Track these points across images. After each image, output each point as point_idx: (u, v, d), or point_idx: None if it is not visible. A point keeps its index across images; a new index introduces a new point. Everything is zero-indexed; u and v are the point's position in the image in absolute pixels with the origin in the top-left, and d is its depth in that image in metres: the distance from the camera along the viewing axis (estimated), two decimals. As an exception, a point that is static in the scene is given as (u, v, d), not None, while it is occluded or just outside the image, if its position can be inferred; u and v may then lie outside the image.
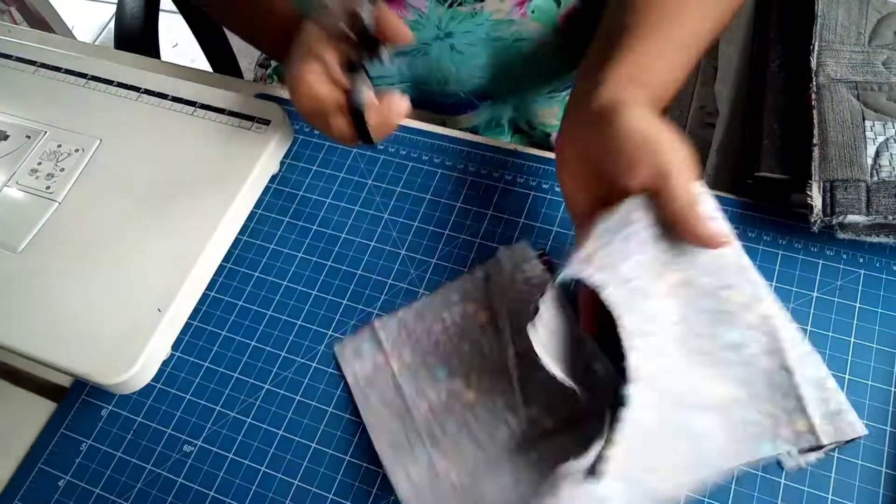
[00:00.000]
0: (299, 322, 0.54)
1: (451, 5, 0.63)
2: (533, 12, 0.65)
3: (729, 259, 0.42)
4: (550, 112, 0.76)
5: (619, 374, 0.40)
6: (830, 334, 0.48)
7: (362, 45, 0.45)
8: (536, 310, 0.42)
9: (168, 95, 0.60)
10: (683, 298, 0.42)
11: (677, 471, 0.41)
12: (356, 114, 0.46)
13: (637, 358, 0.40)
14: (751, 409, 0.44)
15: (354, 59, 0.45)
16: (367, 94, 0.45)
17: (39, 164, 0.57)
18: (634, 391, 0.39)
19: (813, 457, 0.44)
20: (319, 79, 0.45)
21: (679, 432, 0.41)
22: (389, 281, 0.55)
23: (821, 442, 0.43)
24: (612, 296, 0.40)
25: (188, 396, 0.53)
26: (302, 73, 0.45)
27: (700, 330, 0.42)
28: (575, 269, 0.40)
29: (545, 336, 0.43)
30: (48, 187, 0.56)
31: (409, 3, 0.63)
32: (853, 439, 0.44)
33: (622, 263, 0.41)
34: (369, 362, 0.52)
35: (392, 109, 0.46)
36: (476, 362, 0.50)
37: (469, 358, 0.51)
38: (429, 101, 0.74)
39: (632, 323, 0.40)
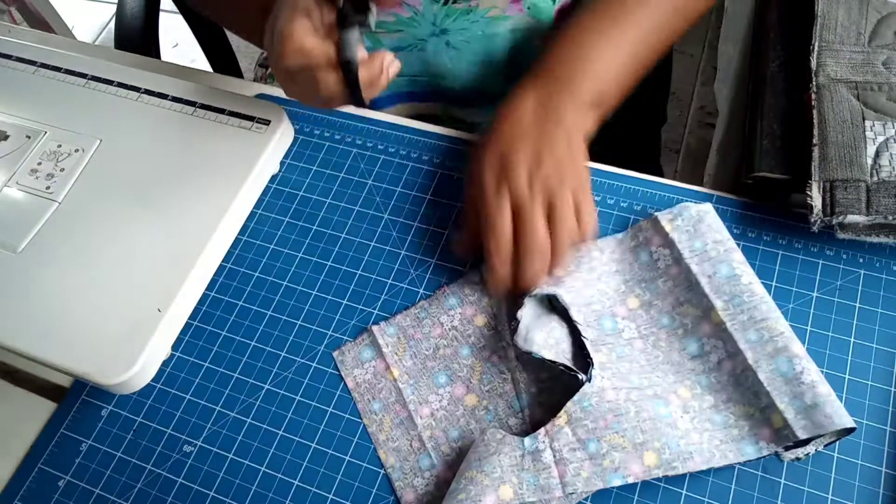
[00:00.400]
0: (299, 322, 0.54)
1: (445, 2, 0.63)
2: (529, 9, 0.65)
3: (679, 279, 0.49)
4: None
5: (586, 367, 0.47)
6: (830, 334, 0.48)
7: (352, 3, 0.43)
8: (517, 322, 0.48)
9: (168, 95, 0.60)
10: (645, 319, 0.49)
11: (643, 449, 0.43)
12: (346, 67, 0.43)
13: (602, 356, 0.47)
14: (727, 414, 0.45)
15: (345, 8, 0.43)
16: (358, 49, 0.43)
17: (39, 164, 0.57)
18: (599, 374, 0.46)
19: (812, 448, 0.44)
20: (308, 33, 0.44)
21: (643, 412, 0.44)
22: (389, 281, 0.55)
23: (798, 437, 0.42)
24: (575, 314, 0.48)
25: (188, 396, 0.53)
26: (290, 28, 0.43)
27: (662, 344, 0.48)
28: (550, 288, 0.49)
29: (540, 340, 0.47)
30: (48, 187, 0.56)
31: (405, 1, 0.63)
32: (846, 432, 0.43)
33: (585, 289, 0.50)
34: (370, 369, 0.51)
35: (383, 66, 0.45)
36: (476, 366, 0.50)
37: (469, 362, 0.51)
38: (426, 94, 0.74)
39: (592, 335, 0.48)
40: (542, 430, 0.44)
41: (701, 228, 0.50)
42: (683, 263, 0.49)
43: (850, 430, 0.43)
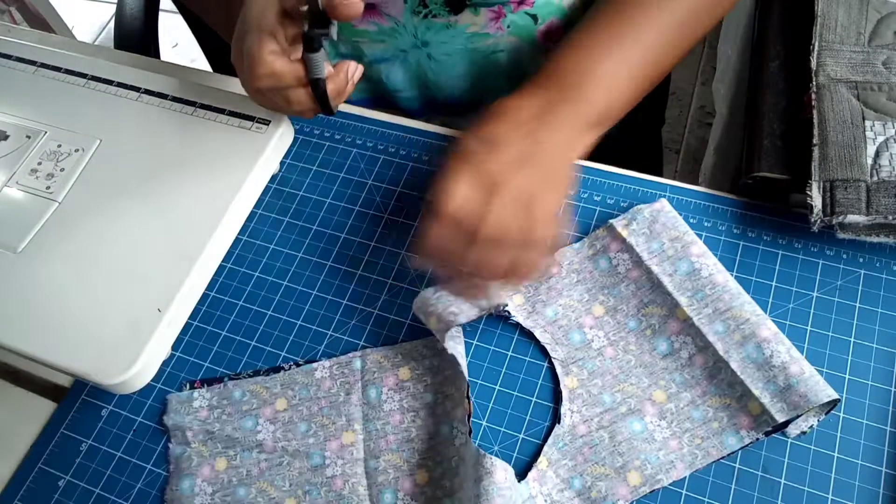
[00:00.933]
0: (299, 322, 0.54)
1: (425, 17, 0.63)
2: (509, 27, 0.64)
3: (641, 281, 0.50)
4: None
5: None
6: (830, 334, 0.48)
7: (314, 20, 0.45)
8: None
9: (168, 95, 0.60)
10: (612, 325, 0.50)
11: (625, 471, 0.44)
12: (315, 85, 0.47)
13: (572, 381, 0.48)
14: (705, 408, 0.46)
15: (310, 32, 0.45)
16: (325, 65, 0.47)
17: (39, 164, 0.57)
18: (568, 409, 0.47)
19: (814, 420, 0.44)
20: (276, 55, 0.46)
21: (617, 436, 0.46)
22: (389, 281, 0.55)
23: (776, 421, 0.43)
24: (541, 336, 0.50)
25: (188, 396, 0.52)
26: (259, 52, 0.45)
27: (632, 348, 0.49)
28: (515, 315, 0.50)
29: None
30: (48, 187, 0.56)
31: (386, 12, 0.62)
32: (833, 404, 0.44)
33: (546, 308, 0.50)
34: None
35: (348, 76, 0.48)
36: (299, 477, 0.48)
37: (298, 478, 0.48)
38: (413, 107, 0.74)
39: (562, 353, 0.49)
40: (530, 477, 0.45)
41: (656, 229, 0.50)
42: (643, 266, 0.50)
43: (835, 402, 0.43)
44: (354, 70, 0.49)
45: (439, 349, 0.50)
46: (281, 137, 0.57)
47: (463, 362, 0.48)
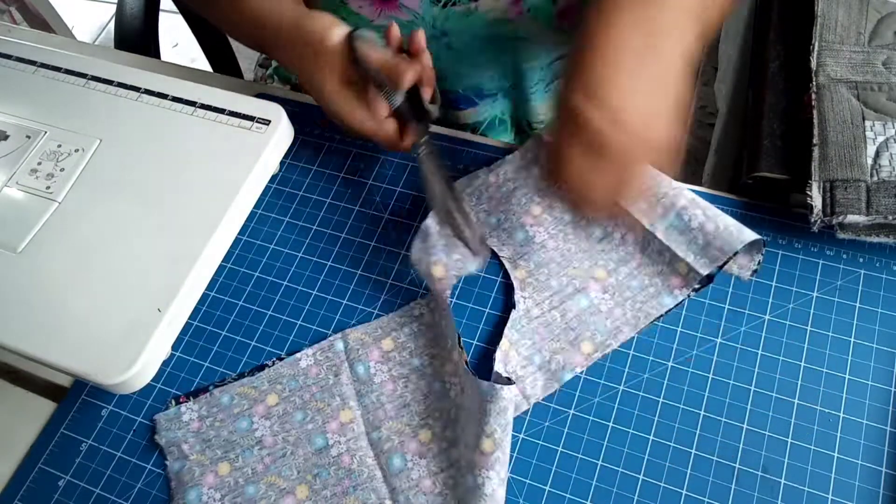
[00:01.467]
0: (299, 322, 0.54)
1: (445, 5, 0.63)
2: (529, 10, 0.64)
3: None
4: (550, 108, 0.76)
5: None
6: (830, 334, 0.48)
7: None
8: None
9: (168, 95, 0.60)
10: (550, 220, 0.55)
11: (578, 342, 0.50)
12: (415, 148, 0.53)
13: (521, 273, 0.53)
14: (641, 277, 0.51)
15: (400, 107, 0.52)
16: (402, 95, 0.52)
17: (39, 164, 0.57)
18: (520, 296, 0.52)
19: (754, 263, 0.50)
20: (366, 117, 0.52)
21: (568, 313, 0.51)
22: (389, 281, 0.55)
23: (701, 274, 0.49)
24: (490, 242, 0.54)
25: (188, 396, 0.52)
26: (350, 117, 0.53)
27: (571, 237, 0.54)
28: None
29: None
30: (48, 187, 0.56)
31: (403, 4, 0.63)
32: (760, 247, 0.49)
33: (490, 217, 0.55)
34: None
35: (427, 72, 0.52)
36: (301, 457, 0.49)
37: (299, 461, 0.49)
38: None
39: (509, 252, 0.54)
40: (496, 358, 0.49)
41: None
42: None
43: (762, 241, 0.49)
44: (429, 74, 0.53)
45: (416, 315, 0.52)
46: (281, 137, 0.57)
47: (452, 319, 0.50)
